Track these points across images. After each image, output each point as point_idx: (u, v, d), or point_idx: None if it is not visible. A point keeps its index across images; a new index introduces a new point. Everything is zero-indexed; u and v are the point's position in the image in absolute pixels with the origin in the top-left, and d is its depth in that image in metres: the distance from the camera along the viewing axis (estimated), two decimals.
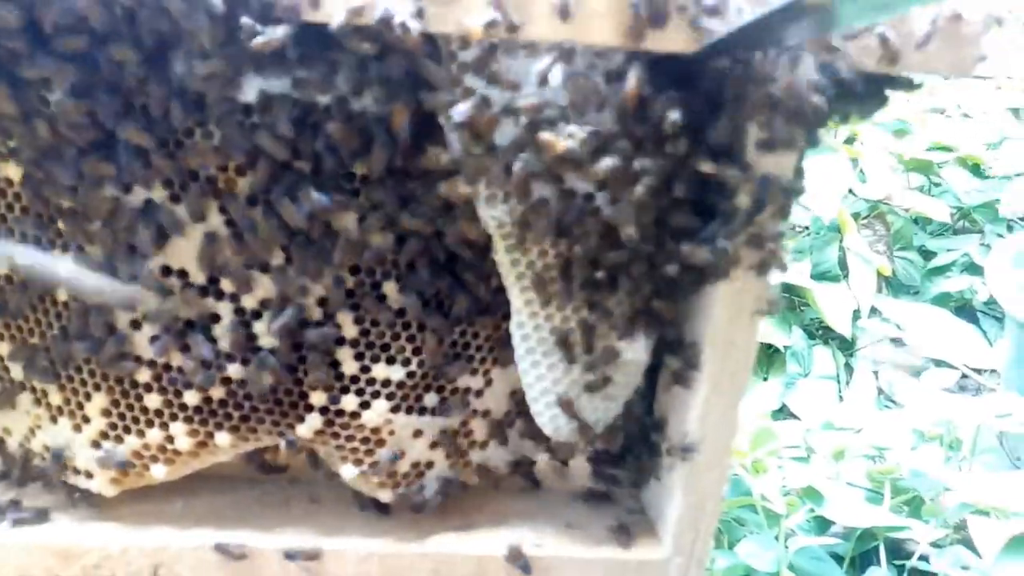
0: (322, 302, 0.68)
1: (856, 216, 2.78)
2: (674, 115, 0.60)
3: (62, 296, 0.68)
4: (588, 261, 0.66)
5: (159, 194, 0.64)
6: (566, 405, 0.71)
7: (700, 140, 0.64)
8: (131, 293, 0.66)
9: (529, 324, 0.69)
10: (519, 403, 0.76)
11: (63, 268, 0.66)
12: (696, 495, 0.73)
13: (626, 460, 0.81)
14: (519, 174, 0.61)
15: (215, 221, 0.66)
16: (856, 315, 2.49)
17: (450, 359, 0.72)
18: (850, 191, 2.76)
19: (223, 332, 0.67)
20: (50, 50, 0.59)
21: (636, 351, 0.70)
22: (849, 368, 2.49)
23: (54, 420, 0.72)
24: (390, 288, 0.68)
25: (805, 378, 2.40)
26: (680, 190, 0.64)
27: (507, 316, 0.70)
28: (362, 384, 0.70)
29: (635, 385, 0.74)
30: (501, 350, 0.73)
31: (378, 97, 0.61)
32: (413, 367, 0.70)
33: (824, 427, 1.91)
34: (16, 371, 0.71)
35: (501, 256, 0.66)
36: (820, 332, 2.55)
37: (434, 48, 0.59)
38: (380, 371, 0.70)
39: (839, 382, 2.42)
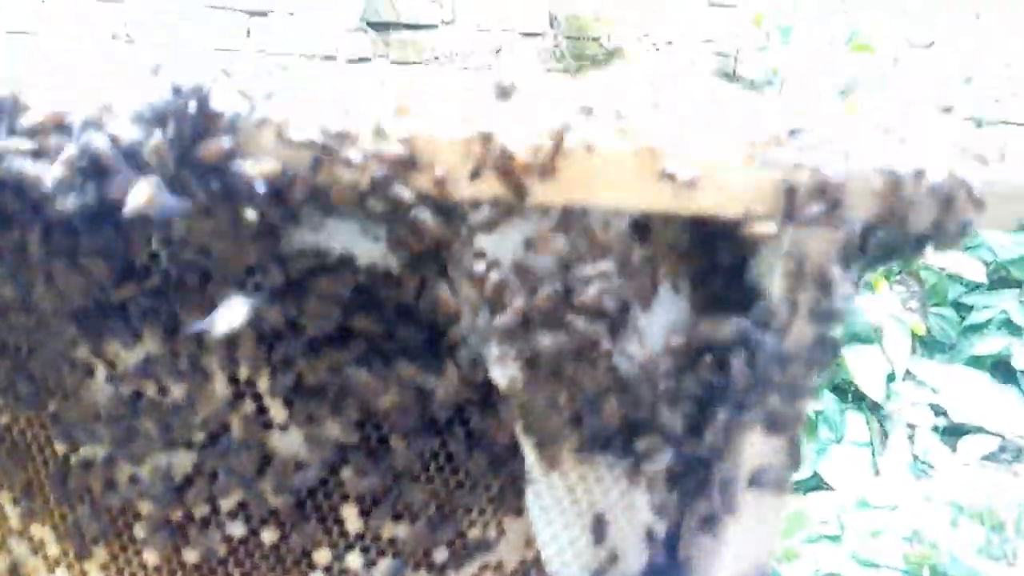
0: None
1: (888, 274, 2.71)
2: None
3: (60, 449, 0.66)
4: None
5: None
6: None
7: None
8: None
9: (542, 482, 0.65)
10: (536, 553, 0.72)
11: None
12: None
13: None
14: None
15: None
16: (890, 378, 2.42)
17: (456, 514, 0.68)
18: None
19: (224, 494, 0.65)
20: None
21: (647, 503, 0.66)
22: (884, 433, 2.41)
23: (51, 571, 0.70)
24: (397, 443, 0.65)
25: (838, 444, 2.33)
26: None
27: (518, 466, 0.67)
28: (367, 541, 0.67)
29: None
30: (513, 498, 0.70)
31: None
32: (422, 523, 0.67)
33: (858, 505, 1.84)
34: (13, 517, 0.69)
35: (513, 412, 0.63)
36: (852, 395, 2.47)
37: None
38: (387, 528, 0.66)
39: (873, 448, 2.35)
